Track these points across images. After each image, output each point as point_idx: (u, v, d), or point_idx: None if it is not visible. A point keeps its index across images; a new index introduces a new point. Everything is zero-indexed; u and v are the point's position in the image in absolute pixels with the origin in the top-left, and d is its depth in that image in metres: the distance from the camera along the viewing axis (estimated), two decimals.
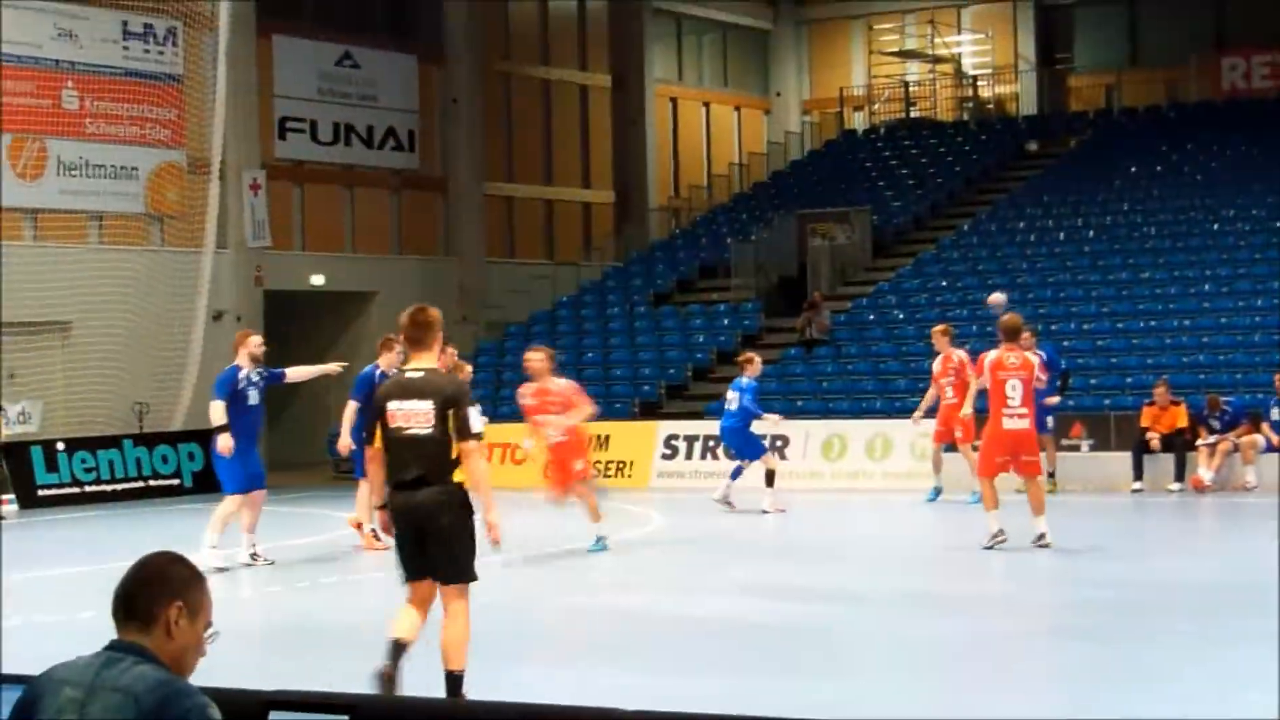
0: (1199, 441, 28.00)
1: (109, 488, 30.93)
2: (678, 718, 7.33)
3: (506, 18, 44.85)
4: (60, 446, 30.54)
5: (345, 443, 22.18)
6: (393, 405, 11.24)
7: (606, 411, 34.15)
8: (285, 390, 38.39)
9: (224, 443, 19.33)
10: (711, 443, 30.90)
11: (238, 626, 14.67)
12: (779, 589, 17.54)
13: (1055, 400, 28.05)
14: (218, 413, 19.48)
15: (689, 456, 31.40)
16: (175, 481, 31.90)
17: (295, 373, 22.02)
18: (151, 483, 31.56)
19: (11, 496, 29.30)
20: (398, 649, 11.32)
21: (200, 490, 31.92)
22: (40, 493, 29.93)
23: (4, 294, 32.09)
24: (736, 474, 25.84)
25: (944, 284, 37.11)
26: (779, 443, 28.94)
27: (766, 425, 26.42)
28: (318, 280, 39.21)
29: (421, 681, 11.06)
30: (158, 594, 5.43)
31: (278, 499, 30.60)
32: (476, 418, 11.47)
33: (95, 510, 29.39)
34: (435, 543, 11.28)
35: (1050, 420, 28.14)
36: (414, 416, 11.18)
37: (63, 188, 34.19)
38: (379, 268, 40.55)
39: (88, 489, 30.51)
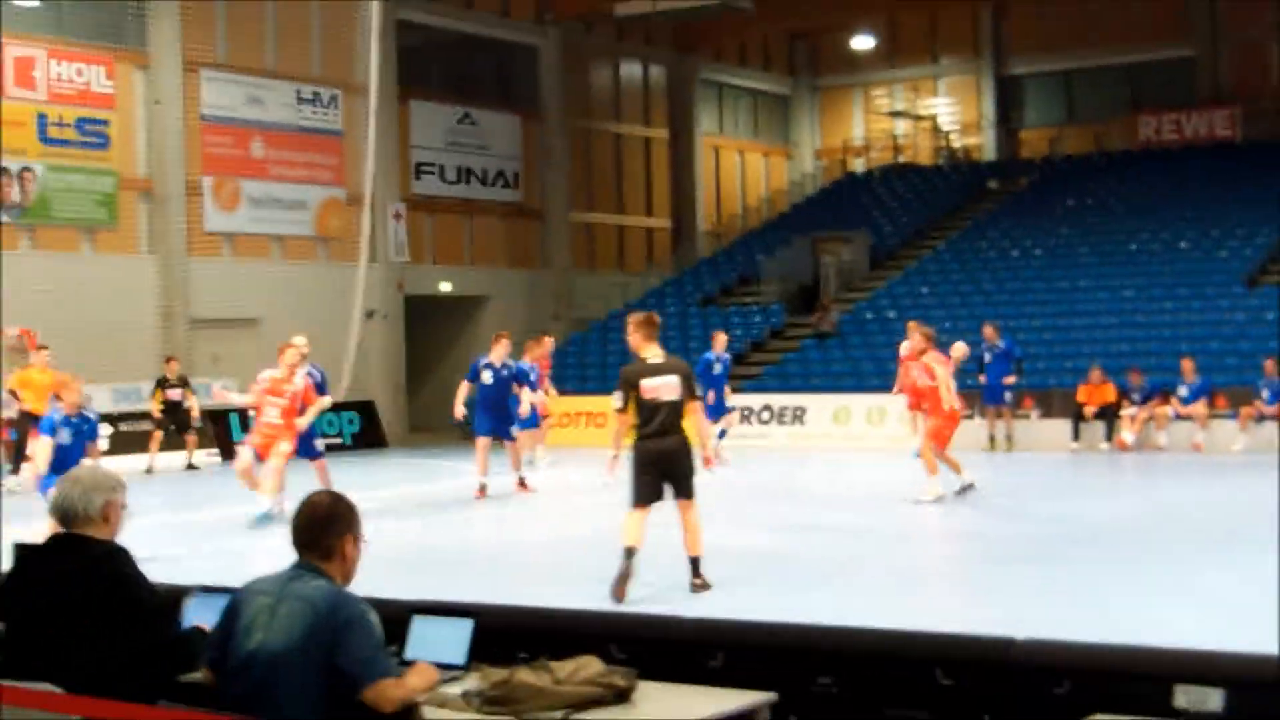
0: (1123, 411, 27.83)
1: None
2: (723, 623, 7.26)
3: (587, 85, 44.77)
4: (251, 413, 30.55)
5: (460, 411, 22.22)
6: (645, 381, 12.26)
7: None
8: (422, 370, 38.59)
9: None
10: (748, 411, 30.82)
11: (385, 552, 14.64)
12: (798, 525, 17.45)
13: (1013, 380, 27.98)
14: None
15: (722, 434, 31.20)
16: (339, 440, 31.94)
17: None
18: (320, 442, 31.51)
19: (216, 449, 29.53)
20: (630, 553, 12.25)
21: (358, 447, 32.08)
22: (235, 447, 29.93)
23: (211, 299, 32.24)
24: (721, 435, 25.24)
25: (925, 290, 36.95)
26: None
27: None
28: (445, 287, 39.20)
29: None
30: (333, 531, 5.45)
31: (416, 454, 30.76)
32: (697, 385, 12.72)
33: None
34: (675, 473, 12.31)
35: (1009, 396, 28.05)
36: (663, 388, 12.24)
37: (252, 216, 34.23)
38: (492, 277, 40.52)
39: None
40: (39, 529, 9.97)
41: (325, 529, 5.47)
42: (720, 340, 25.71)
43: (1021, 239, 38.81)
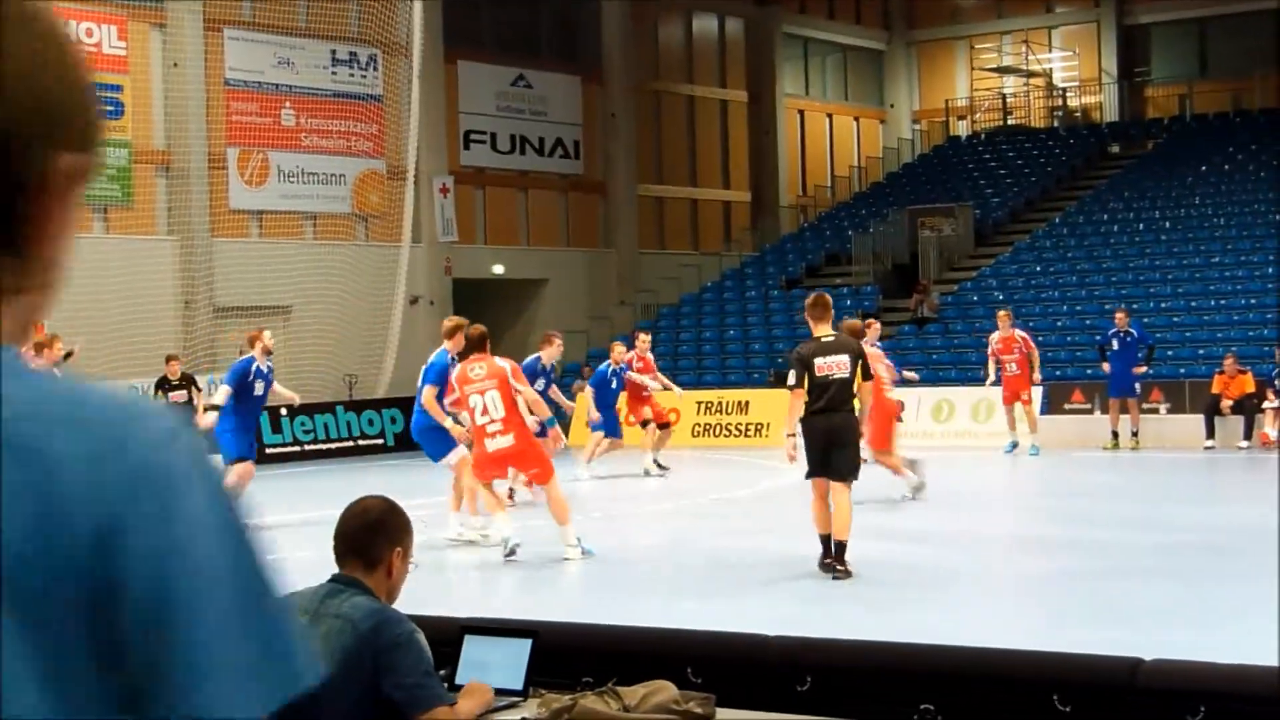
0: (1265, 404, 27.55)
1: (324, 446, 31.23)
2: (814, 642, 7.26)
3: (656, 42, 44.83)
4: (284, 412, 30.81)
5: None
6: (819, 359, 13.81)
7: (745, 381, 34.17)
8: None
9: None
10: None
11: (433, 564, 14.74)
12: (899, 532, 17.40)
13: (1142, 370, 27.79)
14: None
15: None
16: (379, 441, 32.16)
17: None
18: (360, 442, 31.83)
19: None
20: (827, 540, 14.08)
21: (400, 449, 32.19)
22: (267, 451, 30.23)
23: (237, 285, 32.48)
24: None
25: (1038, 269, 36.77)
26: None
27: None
28: (498, 269, 39.34)
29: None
30: (382, 541, 5.49)
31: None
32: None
33: (313, 466, 29.66)
34: (839, 451, 14.00)
35: (1137, 387, 27.88)
36: (835, 366, 13.85)
37: (282, 192, 34.50)
38: (549, 258, 40.66)
39: (306, 448, 30.81)
40: None
41: (374, 536, 5.50)
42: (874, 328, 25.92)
43: (1148, 210, 38.53)
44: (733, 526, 19.16)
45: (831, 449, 14.01)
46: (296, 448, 30.77)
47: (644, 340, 26.21)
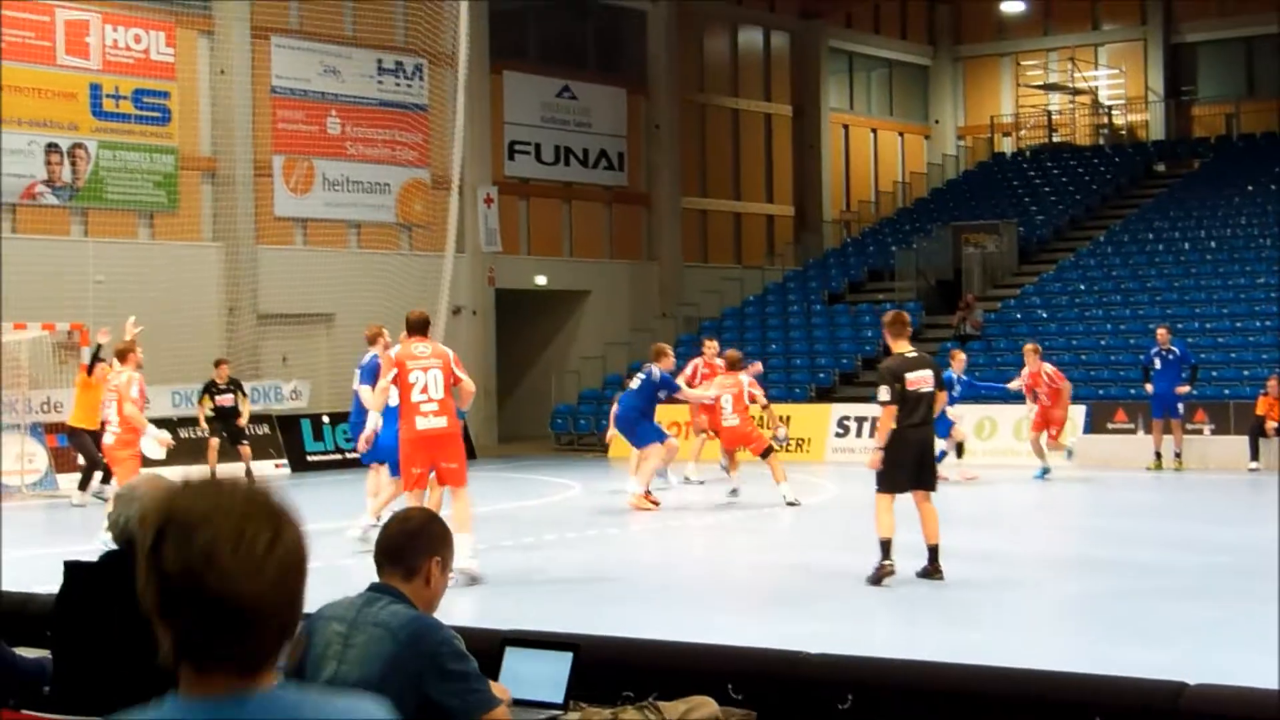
0: None
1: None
2: (856, 660, 7.22)
3: (701, 55, 44.85)
4: (325, 419, 30.92)
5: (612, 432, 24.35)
6: (910, 374, 14.32)
7: (787, 395, 34.10)
8: (513, 373, 38.80)
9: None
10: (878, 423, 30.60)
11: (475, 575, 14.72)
12: (943, 550, 17.30)
13: (1184, 390, 27.63)
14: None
15: (859, 434, 31.13)
16: None
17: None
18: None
19: (285, 460, 29.77)
20: (887, 546, 14.40)
21: None
22: (309, 458, 30.32)
23: (281, 292, 32.56)
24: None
25: (1082, 287, 36.65)
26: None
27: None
28: (541, 280, 39.38)
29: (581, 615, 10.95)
30: (422, 550, 5.50)
31: (507, 466, 30.89)
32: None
33: (353, 474, 29.67)
34: (925, 462, 14.66)
35: (1180, 407, 27.72)
36: (923, 381, 14.41)
37: (327, 200, 34.60)
38: (592, 270, 40.68)
39: (348, 455, 30.80)
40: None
41: (412, 546, 5.51)
42: (960, 360, 26.20)
43: (1193, 229, 38.36)
44: (772, 542, 19.12)
45: (923, 461, 14.64)
46: (337, 455, 30.81)
47: (712, 347, 26.66)
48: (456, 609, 5.80)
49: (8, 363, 27.20)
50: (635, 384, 22.80)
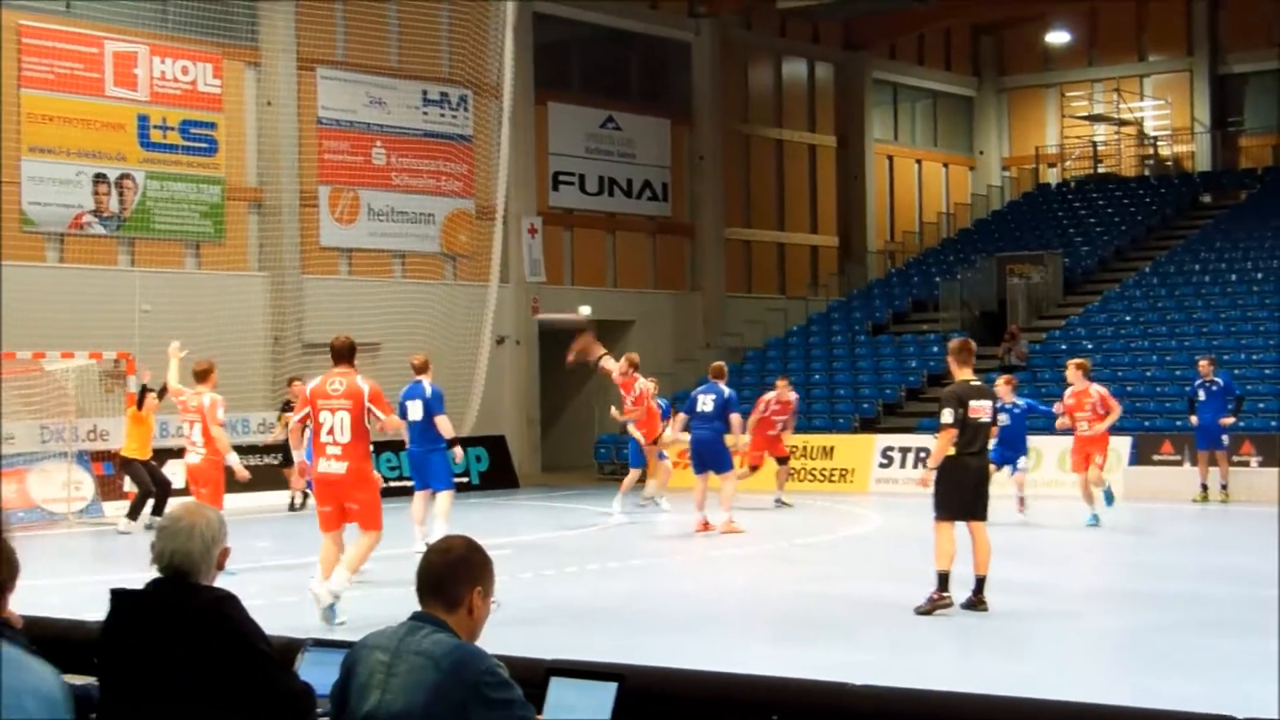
0: None
1: (409, 484, 31.23)
2: (900, 692, 7.18)
3: (746, 86, 44.90)
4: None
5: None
6: (973, 401, 14.54)
7: (830, 426, 34.06)
8: (556, 402, 38.82)
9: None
10: (924, 453, 30.53)
11: (517, 604, 14.73)
12: (989, 582, 17.23)
13: (1230, 421, 27.47)
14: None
15: (903, 465, 31.07)
16: (465, 479, 32.16)
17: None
18: None
19: None
20: (945, 578, 14.47)
21: (485, 487, 32.24)
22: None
23: (326, 321, 32.62)
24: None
25: (1128, 319, 36.52)
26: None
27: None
28: (584, 310, 39.41)
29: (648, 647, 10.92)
30: (463, 579, 5.49)
31: (550, 495, 30.90)
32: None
33: (396, 503, 29.67)
34: (982, 492, 14.75)
35: (1225, 439, 27.57)
36: (983, 410, 14.64)
37: (372, 230, 34.73)
38: (636, 300, 40.72)
39: (391, 484, 30.84)
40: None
41: (454, 575, 5.49)
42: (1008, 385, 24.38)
43: (1240, 260, 38.17)
44: (815, 572, 19.06)
45: (980, 490, 14.74)
46: (381, 484, 30.81)
47: (784, 385, 27.36)
48: (499, 638, 5.78)
49: (54, 391, 27.35)
50: (710, 406, 22.71)
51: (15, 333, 27.78)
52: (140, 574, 6.43)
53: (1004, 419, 22.31)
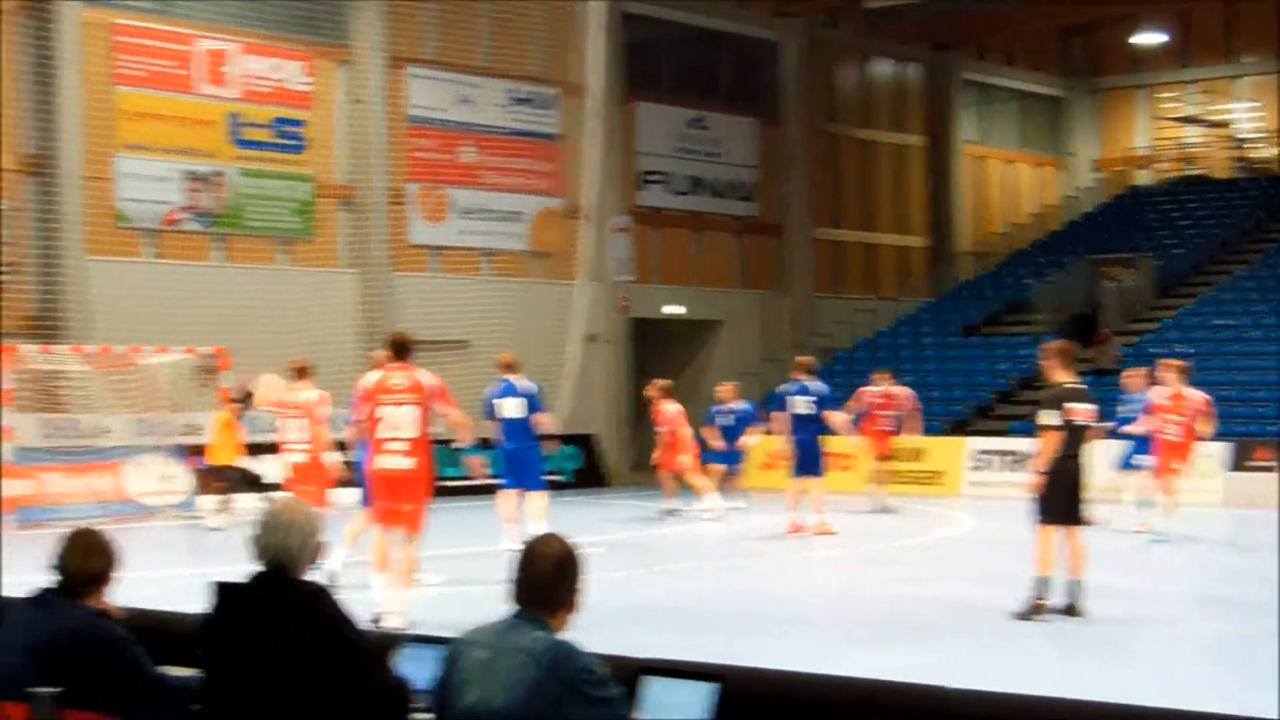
0: None
1: (499, 481, 31.25)
2: (998, 696, 7.09)
3: (833, 86, 44.74)
4: (455, 445, 30.95)
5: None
6: (1076, 405, 14.41)
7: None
8: (645, 401, 38.74)
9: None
10: (1014, 456, 30.36)
11: (611, 604, 14.68)
12: (1085, 588, 17.07)
13: None
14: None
15: (995, 469, 30.89)
16: (558, 477, 32.14)
17: None
18: None
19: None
20: (1044, 584, 14.32)
21: (578, 485, 32.24)
22: (442, 484, 30.29)
23: (415, 318, 32.73)
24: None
25: (1220, 322, 36.14)
26: None
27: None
28: (673, 309, 39.40)
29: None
30: (562, 578, 5.52)
31: (640, 495, 30.91)
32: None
33: (487, 500, 29.72)
34: (1079, 495, 14.54)
35: None
36: (1085, 414, 14.46)
37: (460, 228, 34.82)
38: (724, 300, 40.66)
39: (476, 483, 30.82)
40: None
41: (554, 575, 5.52)
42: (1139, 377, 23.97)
43: None
44: (908, 574, 18.95)
45: (1081, 494, 14.58)
46: (470, 480, 30.88)
47: (885, 378, 27.30)
48: (592, 637, 5.75)
49: (148, 386, 27.57)
50: (809, 408, 22.57)
51: (111, 327, 28.08)
52: (234, 568, 6.43)
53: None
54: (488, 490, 22.20)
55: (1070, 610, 14.40)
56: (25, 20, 28.57)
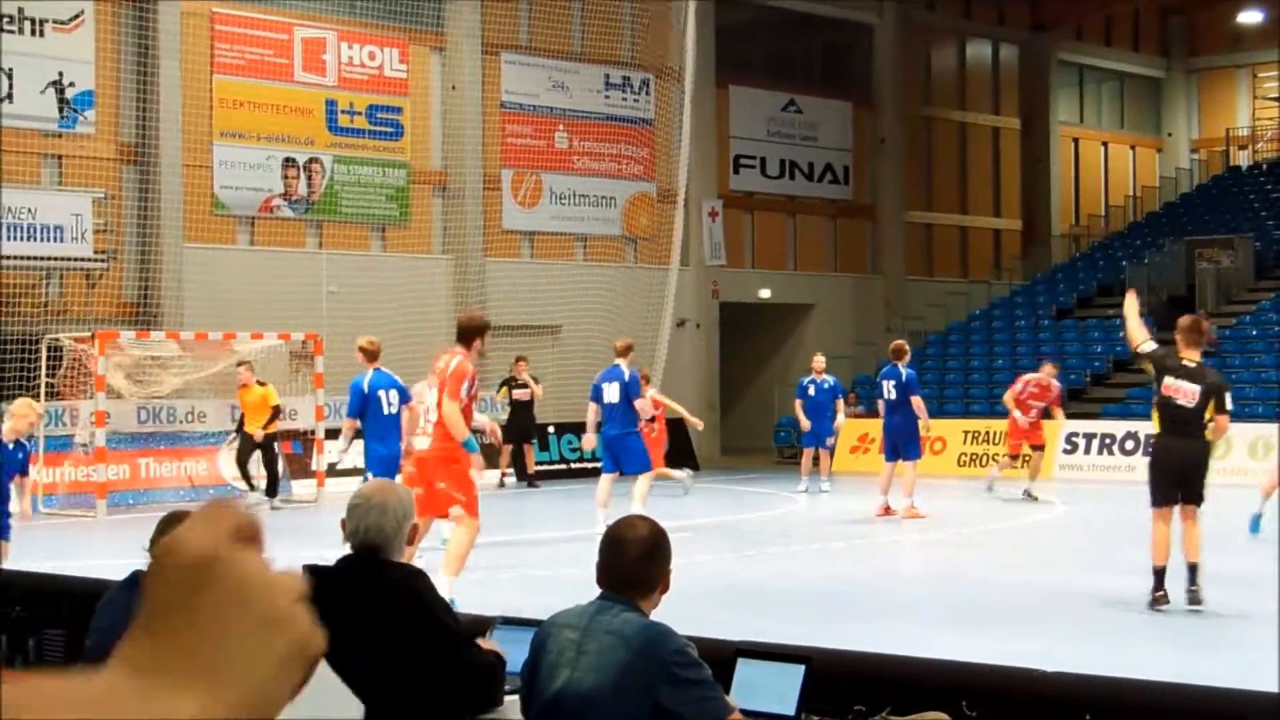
0: None
1: (591, 465, 31.38)
2: (1091, 679, 7.06)
3: (928, 68, 44.52)
4: (551, 430, 31.10)
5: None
6: (1168, 379, 13.97)
7: None
8: (736, 385, 38.79)
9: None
10: (1109, 439, 30.16)
11: (703, 587, 14.70)
12: (1171, 571, 16.92)
13: None
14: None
15: (1088, 451, 30.66)
16: None
17: None
18: None
19: (510, 470, 29.91)
20: (1161, 573, 13.82)
21: (670, 469, 32.19)
22: (535, 469, 30.48)
23: (508, 304, 32.84)
24: None
25: None
26: None
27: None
28: (764, 293, 39.35)
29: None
30: (653, 561, 5.52)
31: (730, 479, 30.88)
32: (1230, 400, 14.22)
33: (579, 484, 29.84)
34: (1188, 477, 13.88)
35: None
36: (1179, 392, 13.81)
37: (554, 214, 34.91)
38: (816, 283, 40.56)
39: (573, 466, 30.98)
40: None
41: (648, 563, 5.54)
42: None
43: None
44: (999, 559, 18.84)
45: (1185, 474, 13.94)
46: (563, 465, 31.01)
47: (1049, 368, 26.59)
48: (680, 619, 5.78)
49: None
50: (894, 393, 22.47)
51: (207, 313, 28.34)
52: (323, 551, 6.50)
53: None
54: (591, 474, 22.26)
55: (1191, 595, 13.96)
56: (127, 11, 28.89)
